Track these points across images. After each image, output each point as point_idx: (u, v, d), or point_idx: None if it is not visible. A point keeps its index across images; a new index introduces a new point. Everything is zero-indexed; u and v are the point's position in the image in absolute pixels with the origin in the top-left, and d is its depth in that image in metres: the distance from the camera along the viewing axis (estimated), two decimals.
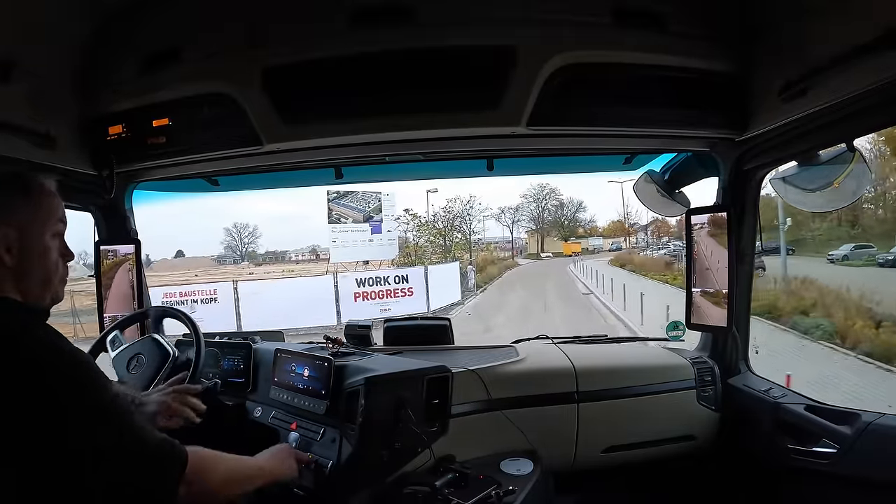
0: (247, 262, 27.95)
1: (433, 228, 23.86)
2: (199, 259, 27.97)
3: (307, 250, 28.45)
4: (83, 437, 0.84)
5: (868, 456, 1.44)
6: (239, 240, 29.10)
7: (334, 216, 15.64)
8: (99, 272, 2.08)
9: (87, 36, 1.55)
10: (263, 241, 29.28)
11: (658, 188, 2.08)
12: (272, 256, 28.61)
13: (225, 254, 28.95)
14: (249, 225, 28.67)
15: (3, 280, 0.92)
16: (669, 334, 2.12)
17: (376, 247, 16.24)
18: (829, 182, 1.49)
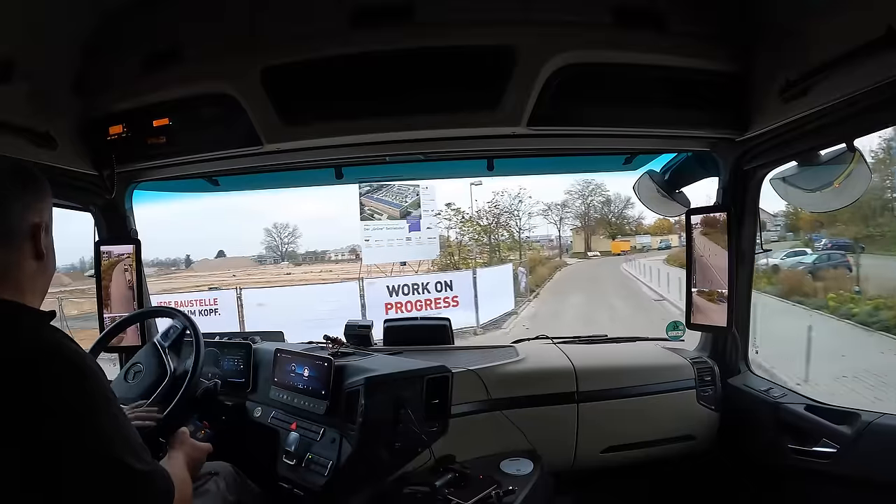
0: (286, 263, 27.91)
1: (478, 225, 21.15)
2: (240, 259, 28.08)
3: (347, 250, 28.35)
4: (85, 454, 0.83)
5: (868, 456, 1.44)
6: (279, 240, 29.10)
7: (367, 212, 13.26)
8: (99, 272, 2.08)
9: (87, 36, 1.55)
10: (303, 241, 29.24)
11: (658, 188, 2.07)
12: (312, 256, 28.55)
13: (265, 254, 29.00)
14: (289, 225, 28.64)
15: (34, 277, 0.92)
16: (669, 334, 2.12)
17: (415, 246, 13.79)
18: (830, 182, 1.49)
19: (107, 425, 0.85)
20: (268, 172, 2.04)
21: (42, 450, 0.80)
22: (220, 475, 1.38)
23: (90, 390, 0.85)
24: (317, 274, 23.69)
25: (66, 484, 0.82)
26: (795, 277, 12.80)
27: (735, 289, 1.81)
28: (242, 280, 22.63)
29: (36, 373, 0.81)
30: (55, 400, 0.81)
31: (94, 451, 0.83)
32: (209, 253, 28.37)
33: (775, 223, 18.41)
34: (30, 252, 0.91)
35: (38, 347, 0.84)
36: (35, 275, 0.92)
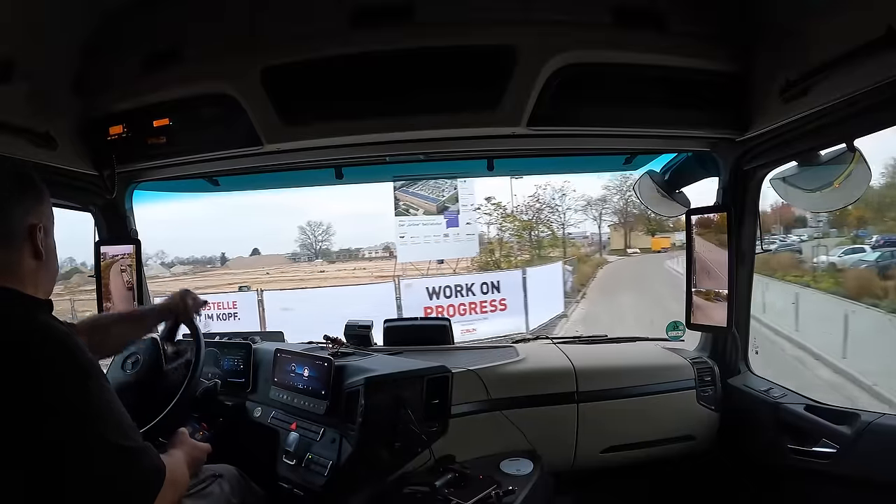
0: (320, 260, 27.87)
1: (519, 221, 19.39)
2: (274, 257, 28.17)
3: (380, 247, 28.24)
4: (80, 433, 0.85)
5: (868, 456, 1.44)
6: (313, 237, 29.07)
7: (402, 207, 12.17)
8: (99, 272, 2.08)
9: (87, 36, 1.55)
10: (337, 239, 29.19)
11: (658, 188, 2.07)
12: (345, 254, 28.48)
13: (299, 251, 29.00)
14: (323, 223, 28.60)
15: (34, 275, 0.97)
16: (669, 334, 2.12)
17: (452, 243, 12.50)
18: (830, 182, 1.49)
19: (97, 403, 0.87)
20: (268, 172, 2.04)
21: (32, 428, 0.82)
22: (224, 477, 1.38)
23: (81, 370, 0.87)
24: (350, 272, 23.51)
25: (53, 459, 0.83)
26: (862, 277, 11.53)
27: (735, 289, 1.81)
28: (273, 278, 22.17)
29: (27, 354, 0.84)
30: (46, 380, 0.84)
31: (83, 427, 0.85)
32: (244, 251, 28.47)
33: (817, 220, 17.69)
34: (29, 252, 0.96)
35: (30, 329, 0.87)
36: (35, 272, 0.97)
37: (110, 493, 0.87)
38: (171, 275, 28.22)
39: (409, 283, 10.31)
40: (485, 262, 16.15)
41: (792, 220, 19.49)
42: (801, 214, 18.32)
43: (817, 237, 16.88)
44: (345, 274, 22.83)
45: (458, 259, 14.37)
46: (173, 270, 28.81)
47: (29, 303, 0.94)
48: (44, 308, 0.96)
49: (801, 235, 18.29)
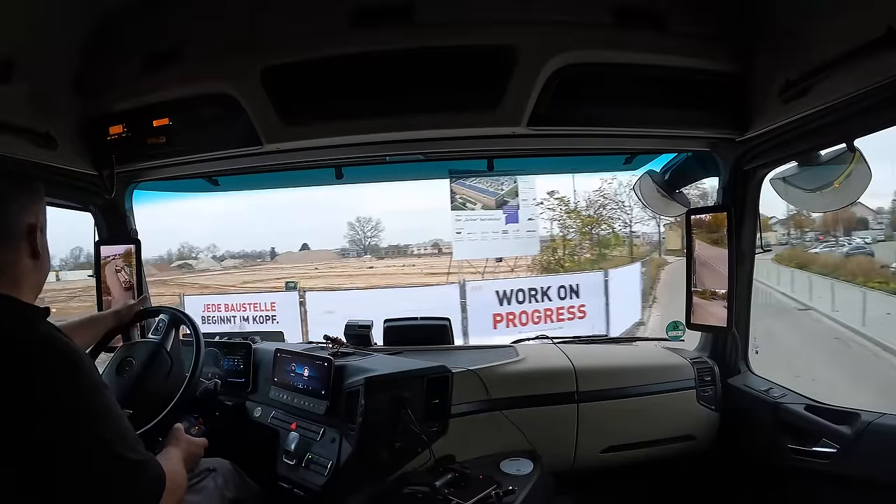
0: (369, 256, 27.85)
1: (583, 217, 17.56)
2: (323, 252, 28.25)
3: (429, 244, 28.16)
4: (76, 441, 0.84)
5: (868, 456, 1.44)
6: (362, 233, 29.07)
7: (458, 200, 11.70)
8: (99, 272, 2.08)
9: (87, 36, 1.55)
10: (386, 235, 29.18)
11: (658, 188, 2.07)
12: (394, 250, 28.44)
13: (348, 247, 29.04)
14: (372, 219, 28.56)
15: (30, 275, 0.97)
16: (669, 334, 2.12)
17: (512, 240, 12.08)
18: (830, 182, 1.49)
19: (99, 416, 0.87)
20: (268, 172, 2.04)
21: (36, 442, 0.82)
22: (219, 472, 1.38)
23: (83, 382, 0.87)
24: (399, 268, 23.34)
25: (59, 472, 0.83)
26: None
27: (735, 289, 1.81)
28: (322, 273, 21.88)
29: (29, 365, 0.84)
30: (48, 392, 0.83)
31: (86, 440, 0.85)
32: (294, 245, 28.59)
33: (878, 221, 17.00)
34: (26, 251, 0.96)
35: (33, 340, 0.86)
36: (31, 272, 0.98)
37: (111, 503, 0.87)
38: (221, 268, 28.24)
39: (477, 286, 8.62)
40: (546, 262, 14.60)
41: (853, 221, 18.17)
42: (863, 216, 17.43)
43: (881, 240, 15.63)
44: (394, 270, 22.57)
45: (516, 258, 13.09)
46: (224, 264, 28.83)
47: (27, 310, 0.93)
48: (42, 316, 0.95)
49: (865, 237, 16.98)
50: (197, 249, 33.10)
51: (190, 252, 32.47)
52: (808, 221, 20.62)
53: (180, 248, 32.98)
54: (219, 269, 27.92)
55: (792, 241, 21.83)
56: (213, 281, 23.33)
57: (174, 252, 31.66)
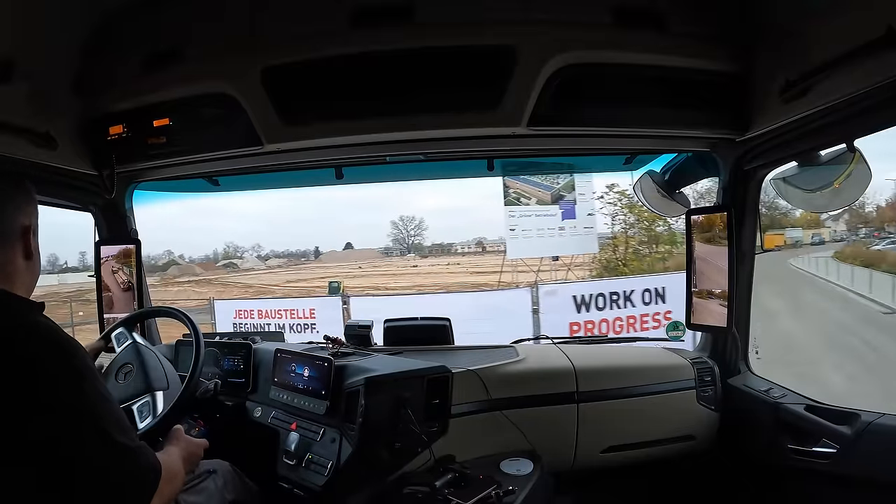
0: (412, 255, 27.80)
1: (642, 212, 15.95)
2: (366, 251, 28.29)
3: (473, 242, 28.08)
4: (75, 429, 0.85)
5: (868, 456, 1.44)
6: (405, 232, 29.06)
7: (512, 195, 10.34)
8: (99, 272, 2.08)
9: (87, 36, 1.55)
10: (429, 234, 29.10)
11: (658, 188, 2.07)
12: (438, 249, 28.40)
13: (392, 246, 29.06)
14: (415, 217, 28.49)
15: (23, 275, 0.98)
16: (669, 334, 2.12)
17: (569, 237, 10.50)
18: (830, 182, 1.49)
19: (96, 404, 0.88)
20: (268, 172, 2.04)
21: (35, 432, 0.83)
22: (219, 473, 1.38)
23: (79, 372, 0.88)
24: (444, 267, 23.29)
25: (58, 460, 0.84)
26: None
27: (735, 289, 1.81)
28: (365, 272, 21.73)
29: (26, 356, 0.85)
30: (46, 383, 0.85)
31: (84, 429, 0.86)
32: (337, 245, 28.70)
33: None
34: (20, 252, 0.98)
35: (29, 331, 0.88)
36: (24, 273, 0.99)
37: (108, 490, 0.87)
38: (266, 267, 28.31)
39: (551, 290, 7.45)
40: (608, 261, 13.30)
41: None
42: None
43: None
44: (438, 269, 22.57)
45: (573, 257, 12.11)
46: (268, 263, 28.93)
47: (21, 304, 0.95)
48: (36, 309, 0.96)
49: None
50: (242, 249, 33.20)
51: (235, 251, 32.56)
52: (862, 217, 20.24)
53: (225, 247, 33.08)
54: (263, 268, 28.02)
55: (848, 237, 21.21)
56: (258, 280, 23.36)
57: (220, 251, 31.75)
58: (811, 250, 20.59)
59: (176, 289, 22.75)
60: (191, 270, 28.72)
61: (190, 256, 33.02)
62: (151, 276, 33.44)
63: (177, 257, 31.64)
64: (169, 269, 29.21)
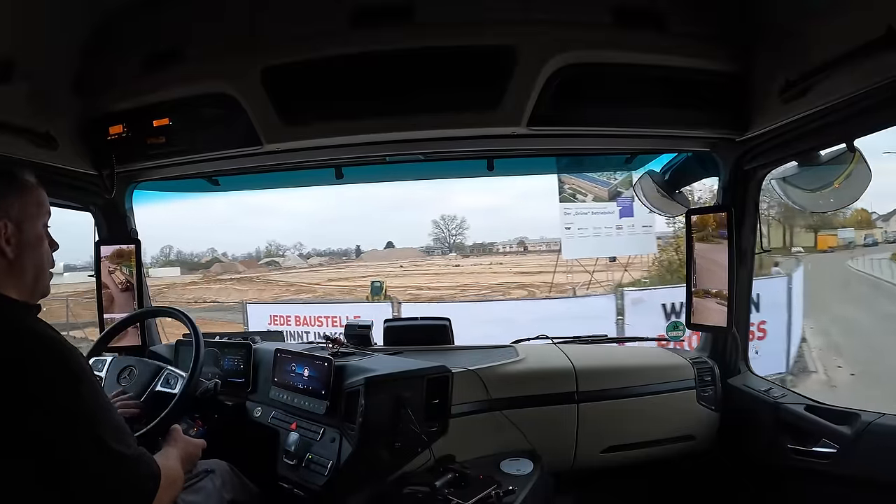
0: (454, 254, 27.77)
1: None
2: (407, 250, 28.28)
3: (514, 242, 28.03)
4: (71, 436, 0.85)
5: (868, 456, 1.44)
6: (447, 231, 29.09)
7: (568, 191, 9.62)
8: (99, 272, 2.08)
9: (87, 36, 1.55)
10: (470, 233, 29.00)
11: (658, 188, 2.07)
12: (479, 248, 28.39)
13: (433, 245, 29.10)
14: (457, 217, 28.43)
15: (4, 275, 0.94)
16: (669, 334, 2.12)
17: (626, 237, 9.69)
18: (830, 182, 1.49)
19: (91, 411, 0.87)
20: (268, 172, 2.04)
21: (29, 437, 0.83)
22: (217, 473, 1.38)
23: (73, 374, 0.87)
24: (486, 266, 23.11)
25: (53, 467, 0.83)
26: None
27: (735, 289, 1.81)
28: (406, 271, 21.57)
29: (19, 360, 0.84)
30: (40, 387, 0.84)
31: (79, 436, 0.85)
32: (378, 243, 28.80)
33: None
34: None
35: (21, 334, 0.86)
36: (7, 272, 0.94)
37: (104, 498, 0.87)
38: (307, 265, 28.27)
39: (637, 297, 6.44)
40: (669, 263, 12.09)
41: None
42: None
43: None
44: (480, 269, 22.35)
45: (629, 257, 11.21)
46: (310, 262, 28.94)
47: (14, 307, 0.93)
48: (30, 312, 0.95)
49: None
50: (284, 247, 33.32)
51: (277, 249, 32.67)
52: None
53: (268, 245, 33.17)
54: (304, 266, 28.03)
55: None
56: (299, 278, 23.25)
57: (262, 249, 31.77)
58: (865, 252, 19.63)
59: (217, 286, 22.63)
60: (233, 268, 28.87)
61: (233, 254, 33.10)
62: (194, 274, 33.46)
63: (220, 255, 31.69)
64: (212, 266, 29.20)
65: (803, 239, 23.28)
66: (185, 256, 37.09)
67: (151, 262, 26.20)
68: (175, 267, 33.93)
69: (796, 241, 22.90)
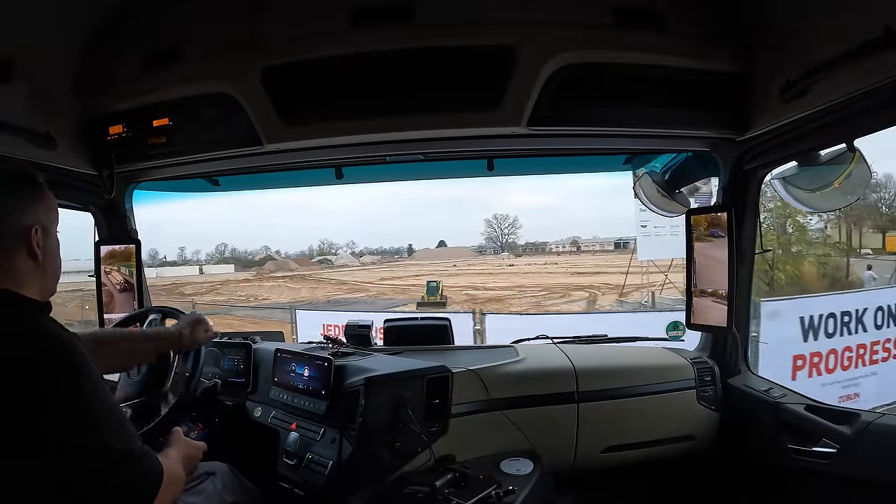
0: (507, 253, 27.71)
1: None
2: (459, 249, 28.23)
3: (567, 241, 27.95)
4: (73, 432, 0.85)
5: (868, 456, 1.44)
6: (499, 230, 29.01)
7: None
8: (99, 272, 2.08)
9: (87, 36, 1.55)
10: (522, 232, 28.80)
11: (658, 188, 2.07)
12: (531, 247, 28.35)
13: (485, 244, 29.08)
14: (509, 216, 28.25)
15: (31, 276, 0.96)
16: (669, 334, 2.12)
17: None
18: (830, 182, 1.49)
19: (93, 405, 0.87)
20: (268, 172, 2.04)
21: (36, 435, 0.83)
22: (217, 475, 1.38)
23: (76, 368, 0.87)
24: (541, 266, 22.90)
25: (59, 465, 0.84)
26: None
27: (735, 289, 1.80)
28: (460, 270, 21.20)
29: (27, 358, 0.84)
30: (48, 385, 0.84)
31: (79, 427, 0.85)
32: (430, 242, 28.92)
33: None
34: (24, 254, 0.95)
35: (30, 332, 0.87)
36: (32, 272, 0.97)
37: (109, 496, 0.87)
38: (360, 264, 28.23)
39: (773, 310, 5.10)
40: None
41: None
42: None
43: None
44: (535, 269, 22.13)
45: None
46: (362, 260, 28.95)
47: (24, 303, 0.94)
48: (40, 309, 0.96)
49: None
50: (336, 245, 33.34)
51: (329, 248, 32.73)
52: None
53: (320, 243, 33.20)
54: (357, 264, 28.05)
55: None
56: (352, 277, 23.06)
57: (314, 248, 31.76)
58: None
59: (269, 284, 22.44)
60: (286, 266, 28.92)
61: (286, 252, 33.15)
62: (248, 271, 33.48)
63: (273, 253, 31.67)
64: (265, 263, 29.17)
65: (871, 240, 22.05)
66: (240, 254, 37.82)
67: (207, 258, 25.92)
68: (229, 264, 34.50)
69: (864, 243, 21.64)
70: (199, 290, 16.01)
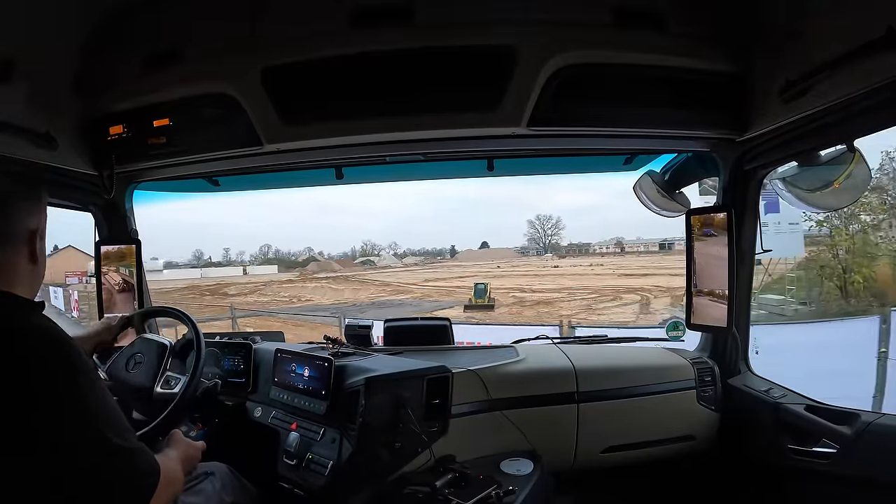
0: (550, 254, 27.61)
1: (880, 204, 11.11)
2: (502, 250, 28.14)
3: (611, 242, 27.89)
4: (69, 428, 0.85)
5: (868, 456, 1.44)
6: (542, 231, 28.96)
7: (709, 183, 4.10)
8: (99, 272, 2.08)
9: (87, 36, 1.55)
10: (565, 233, 28.64)
11: (658, 188, 2.08)
12: (575, 249, 28.25)
13: (528, 245, 29.04)
14: (552, 217, 28.14)
15: (26, 277, 0.97)
16: (669, 334, 2.12)
17: (772, 237, 3.59)
18: (830, 182, 1.49)
19: (90, 401, 0.87)
20: (268, 172, 2.04)
21: (32, 432, 0.83)
22: (216, 475, 1.38)
23: (77, 372, 0.87)
24: (587, 267, 22.61)
25: (55, 462, 0.83)
26: None
27: (735, 289, 1.81)
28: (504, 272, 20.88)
29: (24, 354, 0.84)
30: (44, 381, 0.84)
31: (80, 430, 0.85)
32: (473, 244, 28.94)
33: None
34: (26, 255, 0.97)
35: (27, 329, 0.87)
36: (28, 276, 0.97)
37: (106, 493, 0.87)
38: (402, 265, 28.17)
39: None
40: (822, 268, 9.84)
41: None
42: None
43: None
44: (581, 270, 21.86)
45: (770, 261, 9.57)
46: (405, 261, 28.96)
47: (20, 303, 0.94)
48: (35, 308, 0.96)
49: None
50: (379, 247, 33.42)
51: (372, 249, 32.76)
52: None
53: (363, 244, 33.25)
54: (400, 266, 28.06)
55: None
56: (395, 278, 22.89)
57: (357, 249, 31.75)
58: None
59: (312, 285, 22.19)
60: (329, 267, 28.90)
61: (329, 253, 33.14)
62: (291, 272, 33.53)
63: (316, 254, 31.64)
64: (308, 264, 29.13)
65: None
66: (283, 255, 37.98)
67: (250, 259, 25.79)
68: (273, 265, 34.61)
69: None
70: (242, 290, 15.81)
